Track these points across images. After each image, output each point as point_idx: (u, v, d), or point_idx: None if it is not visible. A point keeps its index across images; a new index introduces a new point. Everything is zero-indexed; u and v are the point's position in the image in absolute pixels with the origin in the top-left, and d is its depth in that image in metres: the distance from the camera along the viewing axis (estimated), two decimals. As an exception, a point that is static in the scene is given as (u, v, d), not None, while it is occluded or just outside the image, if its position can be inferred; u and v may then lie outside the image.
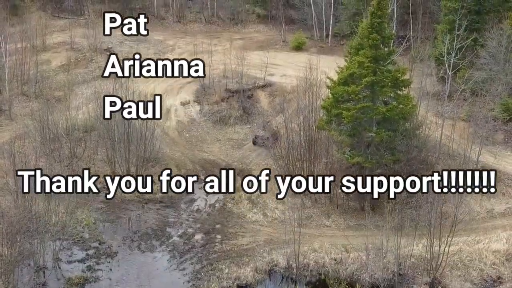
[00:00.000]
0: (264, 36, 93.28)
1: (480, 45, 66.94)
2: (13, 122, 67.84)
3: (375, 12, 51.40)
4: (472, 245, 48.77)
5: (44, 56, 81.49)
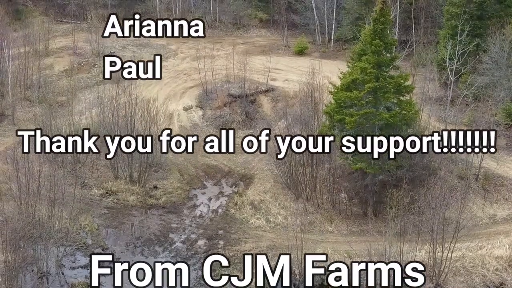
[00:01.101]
0: (266, 40, 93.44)
1: (482, 50, 67.07)
2: (16, 127, 67.92)
3: (377, 18, 51.51)
4: (474, 251, 48.78)
5: (47, 61, 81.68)
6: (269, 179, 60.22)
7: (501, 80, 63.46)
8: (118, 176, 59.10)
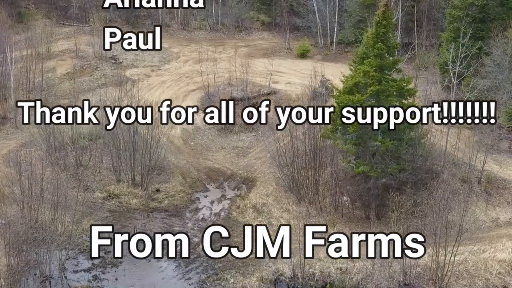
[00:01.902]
0: (268, 43, 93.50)
1: (485, 53, 67.00)
2: (18, 130, 68.01)
3: (380, 22, 51.52)
4: (477, 255, 48.72)
5: (50, 64, 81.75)
6: (272, 182, 60.24)
7: (504, 83, 63.40)
8: (120, 179, 59.13)
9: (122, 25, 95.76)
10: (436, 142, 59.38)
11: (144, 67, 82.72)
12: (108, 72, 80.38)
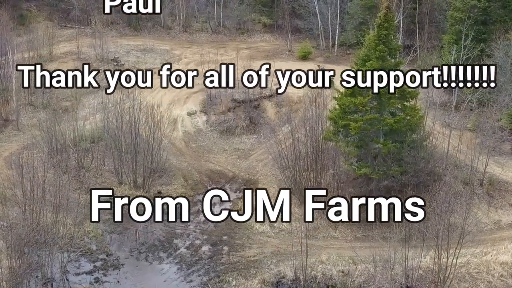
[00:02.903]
0: (270, 45, 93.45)
1: (486, 55, 66.94)
2: (20, 132, 68.12)
3: (382, 24, 51.50)
4: (479, 257, 48.61)
5: (51, 66, 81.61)
6: (273, 184, 60.14)
7: (506, 85, 63.33)
8: (122, 182, 59.11)
9: (123, 27, 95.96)
10: (438, 144, 59.32)
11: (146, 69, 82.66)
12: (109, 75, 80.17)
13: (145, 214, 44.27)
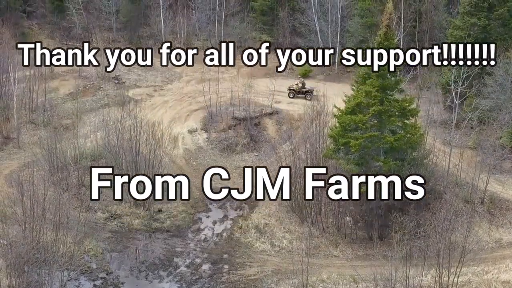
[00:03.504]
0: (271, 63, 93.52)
1: (487, 73, 67.06)
2: (21, 150, 68.17)
3: (382, 42, 51.64)
4: (481, 276, 48.45)
5: (53, 84, 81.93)
6: (274, 202, 59.94)
7: (506, 104, 63.39)
8: (122, 199, 58.96)
9: (125, 45, 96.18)
10: (439, 162, 59.34)
11: (147, 87, 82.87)
12: (111, 92, 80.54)
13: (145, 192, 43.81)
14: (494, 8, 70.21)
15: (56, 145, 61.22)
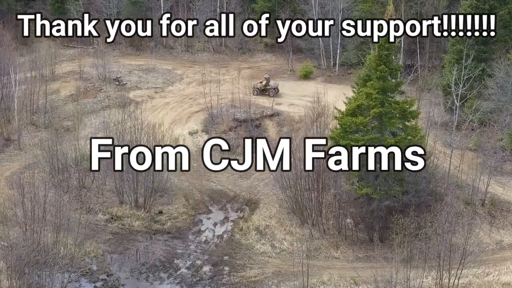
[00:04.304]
0: (271, 65, 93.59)
1: (487, 75, 67.06)
2: (22, 152, 68.17)
3: (382, 44, 51.64)
4: (481, 278, 48.42)
5: (54, 86, 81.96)
6: (275, 204, 60.12)
7: (507, 105, 63.38)
8: (123, 201, 59.09)
9: (126, 47, 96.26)
10: (439, 164, 59.34)
11: (148, 89, 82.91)
12: (112, 94, 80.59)
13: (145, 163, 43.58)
14: (494, 10, 70.14)
15: (57, 147, 61.26)
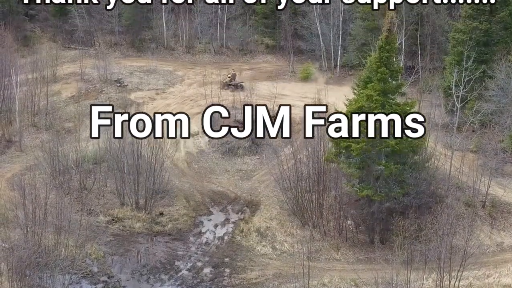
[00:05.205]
0: (272, 66, 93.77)
1: (488, 77, 67.08)
2: (23, 153, 68.23)
3: (383, 46, 51.64)
4: (482, 280, 48.40)
5: (55, 87, 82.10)
6: (275, 205, 60.16)
7: (508, 107, 63.41)
8: (124, 203, 59.14)
9: (127, 48, 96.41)
10: (440, 166, 59.32)
11: (149, 90, 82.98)
12: (113, 95, 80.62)
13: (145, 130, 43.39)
14: (495, 12, 70.24)
15: (58, 148, 61.34)
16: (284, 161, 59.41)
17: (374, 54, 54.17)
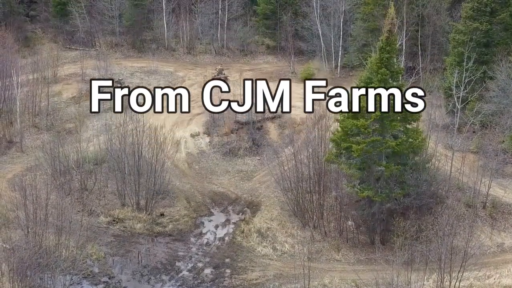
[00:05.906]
0: (273, 67, 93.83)
1: (489, 77, 67.11)
2: (24, 154, 68.32)
3: (384, 47, 51.63)
4: (482, 280, 48.44)
5: (56, 88, 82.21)
6: (276, 206, 60.20)
7: (508, 108, 63.43)
8: (125, 204, 59.19)
9: (128, 49, 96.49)
10: (441, 166, 59.37)
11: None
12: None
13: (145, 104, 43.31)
14: (496, 13, 70.28)
15: (59, 149, 61.43)
16: (285, 161, 59.48)
17: (375, 55, 54.12)
